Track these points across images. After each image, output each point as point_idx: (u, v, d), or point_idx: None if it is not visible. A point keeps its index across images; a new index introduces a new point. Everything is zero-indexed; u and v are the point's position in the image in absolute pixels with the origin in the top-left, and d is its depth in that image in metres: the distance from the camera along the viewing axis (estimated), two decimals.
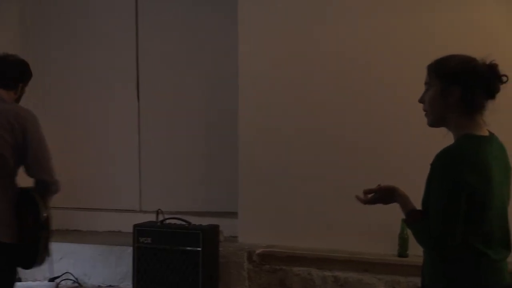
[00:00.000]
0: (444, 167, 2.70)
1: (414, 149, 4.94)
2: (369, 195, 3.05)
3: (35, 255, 3.93)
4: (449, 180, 2.67)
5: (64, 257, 5.90)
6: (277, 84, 5.50)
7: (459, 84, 2.79)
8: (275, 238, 5.45)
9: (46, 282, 5.87)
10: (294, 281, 5.22)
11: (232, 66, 5.66)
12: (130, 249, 5.46)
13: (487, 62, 2.81)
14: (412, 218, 2.86)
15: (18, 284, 4.37)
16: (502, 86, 2.79)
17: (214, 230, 5.36)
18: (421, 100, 2.93)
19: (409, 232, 3.07)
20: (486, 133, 2.83)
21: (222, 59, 6.08)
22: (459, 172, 2.66)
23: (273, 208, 5.48)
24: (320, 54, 5.40)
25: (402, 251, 5.01)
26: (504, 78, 2.81)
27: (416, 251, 3.02)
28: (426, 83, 2.91)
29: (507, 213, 2.87)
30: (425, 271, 2.94)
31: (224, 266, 5.38)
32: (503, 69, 2.78)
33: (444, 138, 2.87)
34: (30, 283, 5.89)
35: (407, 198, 2.96)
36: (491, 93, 2.82)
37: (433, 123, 2.91)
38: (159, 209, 5.52)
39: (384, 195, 3.01)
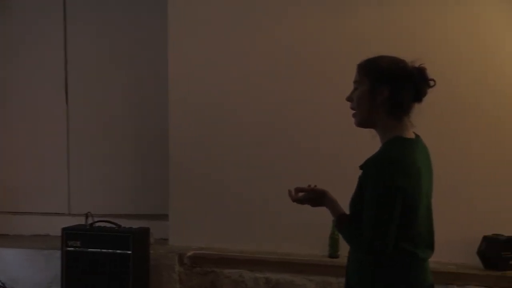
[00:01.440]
0: (377, 173, 2.73)
1: (355, 149, 5.03)
2: (300, 194, 3.08)
3: None
4: (383, 185, 2.70)
5: None
6: (208, 85, 5.53)
7: (388, 84, 2.83)
8: (206, 241, 5.48)
9: None
10: (225, 283, 5.25)
11: (163, 68, 5.67)
12: (58, 253, 5.40)
13: (416, 65, 2.87)
14: (341, 223, 2.91)
15: None
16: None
17: (144, 233, 5.35)
18: (349, 99, 2.95)
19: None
20: (413, 136, 2.90)
21: (152, 61, 6.06)
22: (392, 177, 2.69)
23: (204, 210, 5.51)
24: (253, 53, 5.45)
25: (333, 252, 5.09)
26: (432, 82, 2.87)
27: (347, 252, 3.06)
28: (355, 82, 2.94)
29: (432, 214, 2.95)
30: (351, 273, 2.98)
31: (155, 269, 5.38)
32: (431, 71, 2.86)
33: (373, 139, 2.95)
34: None
35: (336, 202, 3.00)
36: (419, 96, 2.87)
37: (360, 123, 2.93)
38: (89, 212, 5.50)
39: (314, 196, 3.05)
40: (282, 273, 5.11)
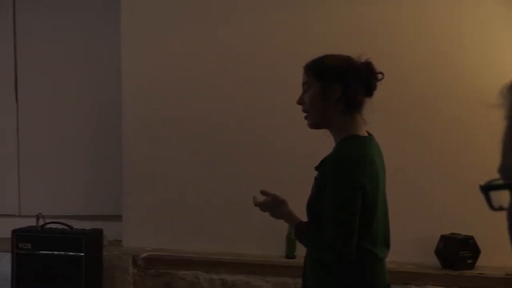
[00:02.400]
0: (336, 172, 2.74)
1: (310, 150, 5.04)
2: (264, 198, 3.07)
3: None
4: (343, 184, 2.72)
5: None
6: (162, 83, 5.50)
7: (339, 82, 2.84)
8: (161, 242, 5.45)
9: None
10: (180, 285, 5.23)
11: (116, 66, 5.62)
12: (8, 256, 5.33)
13: (363, 60, 2.89)
14: (300, 232, 2.90)
15: None
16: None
17: (97, 234, 5.31)
18: (299, 102, 2.96)
19: None
20: (366, 134, 2.91)
21: (105, 59, 6.01)
22: (352, 175, 2.71)
23: (159, 211, 5.48)
24: (208, 51, 5.42)
25: (290, 252, 5.09)
26: (380, 76, 2.90)
27: (304, 252, 3.06)
28: (304, 84, 2.95)
29: (388, 212, 2.97)
30: (308, 274, 2.98)
31: (108, 271, 5.34)
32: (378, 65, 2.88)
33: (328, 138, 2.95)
34: None
35: (293, 213, 3.00)
36: (369, 90, 2.89)
37: (314, 125, 2.94)
38: (40, 213, 5.44)
39: (274, 203, 3.03)
40: (238, 274, 5.11)
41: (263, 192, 3.06)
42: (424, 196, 5.02)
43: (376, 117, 2.91)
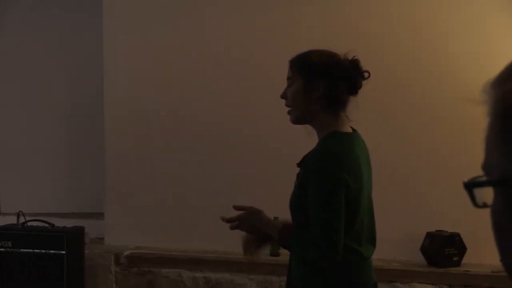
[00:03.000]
0: (320, 168, 2.73)
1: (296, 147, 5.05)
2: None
3: None
4: (327, 181, 2.71)
5: None
6: (145, 82, 5.49)
7: (323, 79, 2.84)
8: (143, 240, 5.44)
9: None
10: (163, 283, 5.22)
11: (97, 62, 5.60)
12: None
13: (349, 57, 2.89)
14: (284, 238, 2.86)
15: None
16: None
17: (79, 232, 5.28)
18: (283, 96, 2.95)
19: None
20: (350, 130, 2.91)
21: (86, 55, 6.00)
22: (336, 172, 2.70)
23: (142, 208, 5.47)
24: (192, 49, 5.42)
25: (274, 250, 5.08)
26: (366, 74, 2.90)
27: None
28: (288, 78, 2.94)
29: (373, 210, 2.97)
30: (294, 272, 2.97)
31: (90, 270, 5.32)
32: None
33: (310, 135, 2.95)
34: None
35: (272, 220, 2.98)
36: (354, 89, 2.89)
37: (296, 120, 2.94)
38: (20, 211, 5.41)
39: (251, 215, 2.99)
40: (222, 272, 5.10)
41: (236, 207, 3.02)
42: (409, 193, 5.04)
43: (363, 114, 2.91)
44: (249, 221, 2.99)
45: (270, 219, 2.97)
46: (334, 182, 2.70)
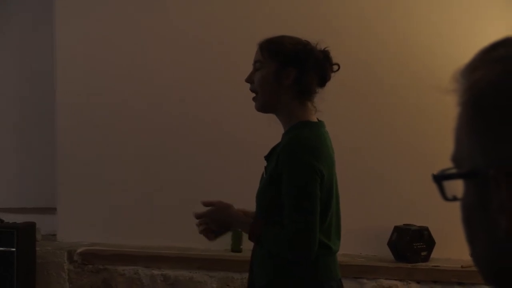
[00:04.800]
0: (296, 160, 2.71)
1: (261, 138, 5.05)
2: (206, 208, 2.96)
3: None
4: (303, 173, 2.70)
5: None
6: (100, 73, 5.45)
7: (295, 67, 2.83)
8: (98, 236, 5.40)
9: None
10: (119, 281, 5.19)
11: (49, 54, 5.59)
12: None
13: (321, 48, 2.89)
14: (257, 232, 2.82)
15: None
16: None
17: (30, 228, 5.24)
18: (249, 80, 2.92)
19: None
20: (316, 120, 2.91)
21: (37, 47, 5.94)
22: (311, 162, 2.70)
23: (96, 203, 5.43)
24: (148, 40, 5.40)
25: (235, 246, 5.10)
26: (335, 67, 2.91)
27: (251, 246, 3.05)
28: (256, 62, 2.92)
29: (339, 203, 2.97)
30: (257, 269, 2.96)
31: (42, 268, 5.28)
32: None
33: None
34: None
35: (242, 215, 2.94)
36: (323, 80, 2.90)
37: (262, 108, 2.92)
38: None
39: (220, 210, 2.93)
40: (181, 269, 5.09)
41: (205, 203, 2.96)
42: (376, 185, 5.07)
43: (332, 105, 2.92)
44: (218, 217, 2.94)
45: (240, 213, 2.93)
46: (310, 173, 2.70)
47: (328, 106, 2.92)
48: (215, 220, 2.95)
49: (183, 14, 5.34)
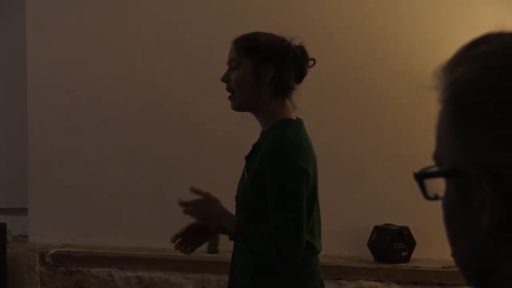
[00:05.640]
0: (281, 159, 2.71)
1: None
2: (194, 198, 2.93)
3: None
4: (289, 172, 2.70)
5: None
6: (71, 68, 5.44)
7: (273, 64, 2.84)
8: (71, 237, 5.38)
9: None
10: (92, 283, 5.18)
11: (22, 47, 5.55)
12: None
13: (296, 43, 2.90)
14: (243, 230, 2.81)
15: None
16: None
17: (0, 229, 5.22)
18: (225, 79, 2.91)
19: None
20: (295, 118, 2.92)
21: (7, 44, 5.94)
22: (298, 162, 2.70)
23: (69, 203, 5.41)
24: (125, 30, 5.41)
25: (212, 247, 5.09)
26: (311, 62, 2.91)
27: (228, 247, 3.04)
28: (232, 61, 2.91)
29: (319, 202, 2.98)
30: (238, 270, 2.95)
31: (13, 270, 5.25)
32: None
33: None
34: None
35: (228, 211, 2.89)
36: (301, 76, 2.91)
37: (240, 107, 2.92)
38: None
39: (208, 203, 2.90)
40: (156, 271, 5.08)
41: (194, 190, 2.91)
42: (356, 184, 5.08)
43: (311, 102, 2.93)
44: (204, 209, 2.91)
45: (226, 210, 2.88)
46: (296, 173, 2.70)
47: (306, 103, 2.93)
48: (201, 211, 2.92)
49: (154, 8, 5.33)
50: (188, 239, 3.02)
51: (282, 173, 2.71)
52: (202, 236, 3.08)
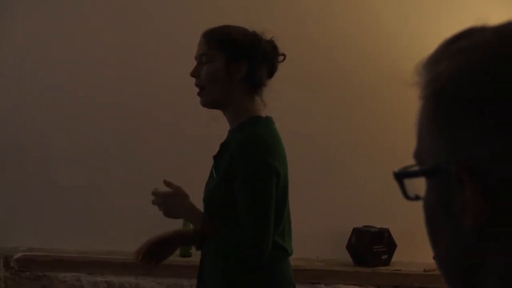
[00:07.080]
0: (251, 157, 2.73)
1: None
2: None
3: None
4: (259, 171, 2.71)
5: None
6: (37, 61, 5.43)
7: (246, 59, 2.84)
8: (38, 241, 5.35)
9: None
10: None
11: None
12: None
13: (267, 38, 2.90)
14: (209, 229, 2.80)
15: None
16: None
17: None
18: (194, 74, 2.90)
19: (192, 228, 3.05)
20: (264, 116, 2.92)
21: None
22: (268, 160, 2.71)
23: (35, 206, 5.38)
24: (90, 23, 5.39)
25: (185, 251, 5.08)
26: (281, 57, 2.92)
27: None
28: (202, 55, 2.90)
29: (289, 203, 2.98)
30: (207, 274, 2.96)
31: None
32: None
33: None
34: None
35: (197, 208, 2.91)
36: (272, 72, 2.91)
37: (209, 103, 2.91)
38: None
39: (176, 197, 2.91)
40: (126, 275, 5.07)
41: (166, 183, 2.93)
42: (334, 185, 5.09)
43: (287, 99, 2.94)
44: (172, 202, 2.91)
45: (195, 206, 2.89)
46: (266, 172, 2.71)
47: (284, 101, 2.94)
48: (169, 204, 2.92)
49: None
50: (152, 252, 2.95)
51: (252, 172, 2.72)
52: (167, 250, 3.03)
